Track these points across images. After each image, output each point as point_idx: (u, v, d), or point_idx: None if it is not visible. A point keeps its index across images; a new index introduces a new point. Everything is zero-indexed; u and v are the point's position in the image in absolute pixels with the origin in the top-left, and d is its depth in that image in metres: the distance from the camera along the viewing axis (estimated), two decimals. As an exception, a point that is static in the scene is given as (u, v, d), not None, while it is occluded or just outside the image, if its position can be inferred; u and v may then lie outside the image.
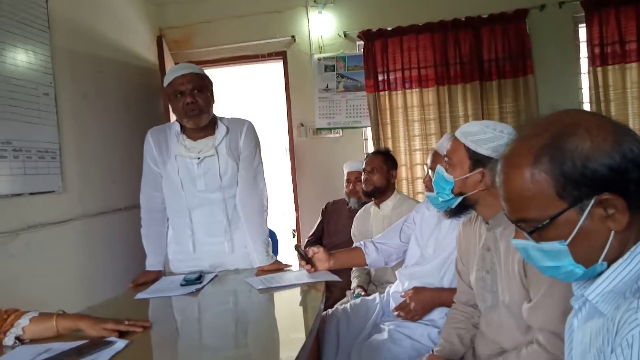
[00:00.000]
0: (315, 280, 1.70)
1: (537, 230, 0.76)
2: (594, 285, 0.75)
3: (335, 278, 1.75)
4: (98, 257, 2.84)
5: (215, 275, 1.87)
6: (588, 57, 3.23)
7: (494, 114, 3.37)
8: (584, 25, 3.25)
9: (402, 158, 3.54)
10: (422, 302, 1.73)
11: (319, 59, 3.70)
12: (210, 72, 2.11)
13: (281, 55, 3.81)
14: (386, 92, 3.57)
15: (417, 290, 1.76)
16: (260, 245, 1.92)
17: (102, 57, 3.06)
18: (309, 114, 3.71)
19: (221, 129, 1.92)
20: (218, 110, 2.02)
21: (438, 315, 1.72)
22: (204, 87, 1.88)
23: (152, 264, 1.96)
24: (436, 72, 3.46)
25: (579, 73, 3.33)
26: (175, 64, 3.73)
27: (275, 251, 2.76)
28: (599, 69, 3.19)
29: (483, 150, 1.31)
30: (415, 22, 3.46)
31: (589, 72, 3.23)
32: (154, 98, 3.60)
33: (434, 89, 3.48)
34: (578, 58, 3.34)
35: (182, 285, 1.73)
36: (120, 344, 1.17)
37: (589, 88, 3.22)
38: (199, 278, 1.77)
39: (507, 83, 3.36)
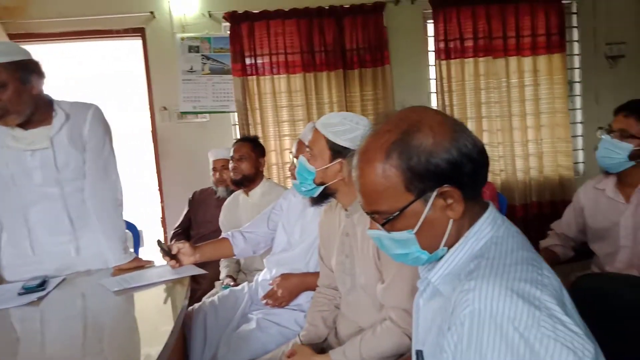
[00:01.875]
0: (180, 276, 1.63)
1: (389, 222, 0.81)
2: (436, 268, 0.83)
3: (200, 271, 1.70)
4: None
5: (63, 279, 1.67)
6: (435, 51, 3.56)
7: (356, 101, 3.56)
8: (432, 21, 3.58)
9: (271, 144, 3.56)
10: (289, 288, 1.77)
11: (182, 39, 3.50)
12: (53, 48, 1.84)
13: (139, 32, 3.51)
14: (254, 76, 3.53)
15: (284, 276, 1.80)
16: (116, 243, 1.75)
17: None
18: (172, 97, 3.51)
19: (60, 116, 1.67)
20: (62, 93, 1.78)
21: (304, 299, 1.78)
22: (9, 81, 1.54)
23: None
24: (302, 59, 3.52)
25: (428, 65, 3.66)
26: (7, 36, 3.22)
27: (137, 247, 2.58)
28: (443, 62, 3.55)
29: (342, 141, 1.37)
30: (282, 6, 3.45)
31: (436, 65, 3.57)
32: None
33: (301, 76, 3.53)
34: (427, 51, 3.66)
35: (20, 294, 1.51)
36: None
37: (436, 79, 3.57)
38: (42, 284, 1.57)
39: (367, 72, 3.56)
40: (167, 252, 1.69)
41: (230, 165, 2.49)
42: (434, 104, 3.64)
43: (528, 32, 3.53)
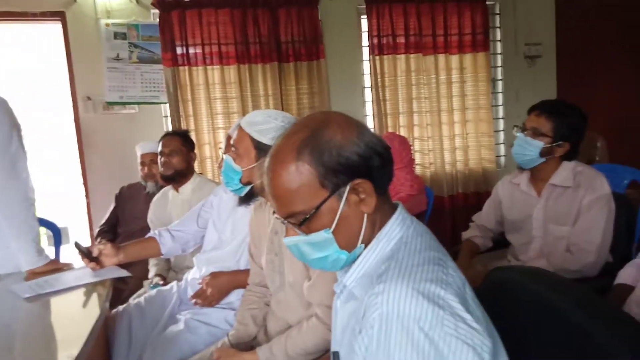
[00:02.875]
0: (100, 279, 1.55)
1: (306, 222, 0.82)
2: (350, 271, 0.85)
3: (123, 273, 1.63)
4: None
5: (-33, 287, 1.54)
6: (369, 46, 3.63)
7: (292, 95, 3.55)
8: (366, 17, 3.63)
9: (205, 137, 3.47)
10: (219, 286, 1.75)
11: (107, 25, 3.30)
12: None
13: (59, 16, 3.27)
14: (186, 67, 3.41)
15: (213, 275, 1.77)
16: (28, 245, 1.64)
17: None
18: (97, 86, 3.31)
19: None
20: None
21: (235, 297, 1.76)
22: None
23: None
24: (237, 50, 3.44)
25: (362, 60, 3.72)
26: None
27: (58, 246, 2.43)
28: (377, 57, 3.62)
29: (267, 140, 1.36)
30: (215, -5, 3.36)
31: (370, 60, 3.63)
32: None
33: (235, 67, 3.46)
34: (362, 46, 3.72)
35: None
36: None
37: (370, 74, 3.63)
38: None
39: (302, 65, 3.55)
40: (86, 254, 1.61)
41: (160, 160, 2.40)
42: (368, 98, 3.70)
43: (455, 31, 3.69)
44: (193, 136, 3.17)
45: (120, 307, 1.75)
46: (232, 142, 1.46)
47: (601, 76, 3.92)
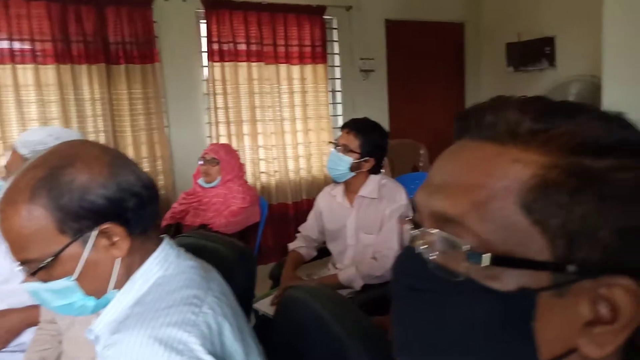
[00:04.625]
0: None
1: (42, 270, 0.73)
2: (100, 317, 0.78)
3: None
4: None
5: None
6: (208, 52, 3.53)
7: (123, 99, 3.29)
8: (205, 21, 3.53)
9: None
10: (6, 327, 1.52)
11: None
12: None
13: None
14: (-10, 64, 2.93)
15: (1, 313, 1.53)
16: None
17: None
18: None
19: None
20: None
21: (28, 337, 1.54)
22: None
23: None
24: (55, 48, 3.07)
25: (202, 66, 3.61)
26: None
27: None
28: (217, 64, 3.54)
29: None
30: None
31: (209, 67, 3.54)
32: None
33: (54, 67, 3.08)
34: (201, 52, 3.61)
35: None
36: None
37: (209, 81, 3.54)
38: None
39: (135, 68, 3.31)
40: None
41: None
42: (207, 105, 3.61)
43: (296, 42, 3.79)
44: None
45: None
46: (5, 164, 1.27)
47: (425, 90, 4.40)
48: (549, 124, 0.39)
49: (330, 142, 1.94)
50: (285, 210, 3.84)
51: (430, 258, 0.41)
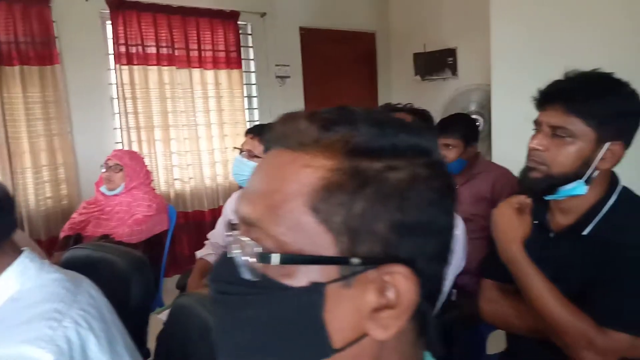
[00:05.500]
0: None
1: None
2: None
3: None
4: None
5: None
6: (115, 55, 3.38)
7: (18, 103, 3.05)
8: (111, 23, 3.38)
9: None
10: None
11: None
12: None
13: None
14: None
15: None
16: None
17: None
18: None
19: None
20: None
21: None
22: None
23: None
24: None
25: (109, 69, 3.45)
26: None
27: None
28: (125, 67, 3.40)
29: None
30: None
31: (116, 69, 3.39)
32: None
33: None
34: (107, 54, 3.45)
35: None
36: None
37: (117, 85, 3.39)
38: None
39: (32, 70, 3.08)
40: None
41: None
42: (117, 110, 3.46)
43: (209, 47, 3.74)
44: None
45: None
46: None
47: (341, 96, 4.52)
48: (331, 131, 0.43)
49: (235, 148, 1.94)
50: (202, 217, 3.76)
51: (238, 262, 0.43)
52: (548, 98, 1.18)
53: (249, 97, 4.12)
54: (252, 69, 4.11)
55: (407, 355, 0.45)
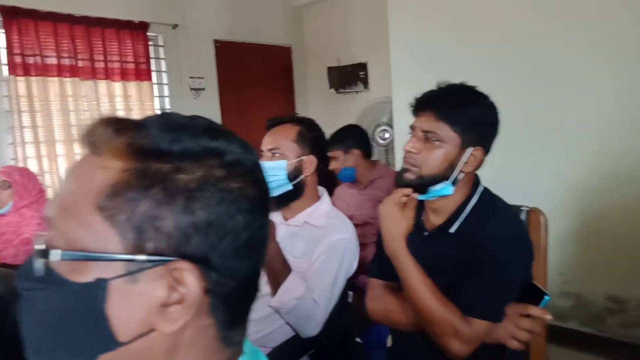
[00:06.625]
0: None
1: None
2: None
3: None
4: None
5: None
6: (9, 66, 3.16)
7: None
8: (4, 31, 3.16)
9: None
10: None
11: None
12: None
13: None
14: None
15: None
16: None
17: None
18: None
19: None
20: None
21: None
22: None
23: None
24: None
25: (2, 80, 3.22)
26: None
27: None
28: (21, 78, 3.19)
29: None
30: None
31: (10, 81, 3.17)
32: None
33: None
34: (0, 64, 3.21)
35: None
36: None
37: (11, 97, 3.17)
38: None
39: None
40: None
41: None
42: (10, 124, 3.22)
43: (117, 58, 3.61)
44: None
45: None
46: None
47: (258, 108, 4.54)
48: (123, 136, 0.45)
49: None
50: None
51: (35, 259, 0.44)
52: (421, 105, 1.28)
53: (162, 109, 4.02)
54: (165, 81, 4.02)
55: (210, 349, 0.48)
